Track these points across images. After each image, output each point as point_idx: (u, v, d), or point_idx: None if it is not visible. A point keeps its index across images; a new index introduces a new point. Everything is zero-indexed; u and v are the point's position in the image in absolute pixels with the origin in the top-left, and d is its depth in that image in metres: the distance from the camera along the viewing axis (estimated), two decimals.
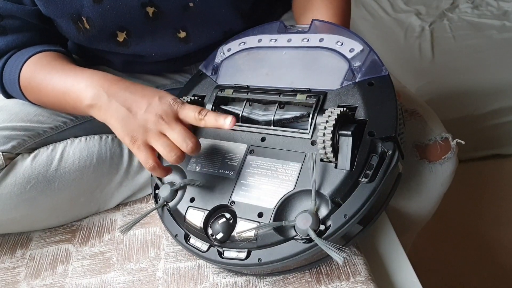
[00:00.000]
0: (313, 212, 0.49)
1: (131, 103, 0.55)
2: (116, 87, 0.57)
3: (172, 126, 0.53)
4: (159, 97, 0.55)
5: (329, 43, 0.59)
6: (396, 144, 0.51)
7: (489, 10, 1.79)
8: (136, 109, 0.55)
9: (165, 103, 0.55)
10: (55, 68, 0.64)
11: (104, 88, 0.57)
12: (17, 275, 0.64)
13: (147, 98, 0.55)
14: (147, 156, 0.54)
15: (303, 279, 0.57)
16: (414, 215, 0.78)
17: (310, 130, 0.55)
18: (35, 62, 0.65)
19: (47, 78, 0.63)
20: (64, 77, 0.62)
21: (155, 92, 0.56)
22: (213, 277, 0.59)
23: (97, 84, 0.58)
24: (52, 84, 0.63)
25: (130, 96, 0.56)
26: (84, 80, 0.59)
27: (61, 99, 0.62)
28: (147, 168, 0.54)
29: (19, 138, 0.65)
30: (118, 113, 0.55)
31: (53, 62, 0.65)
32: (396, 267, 0.61)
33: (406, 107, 0.72)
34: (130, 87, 0.57)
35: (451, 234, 1.34)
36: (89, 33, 0.66)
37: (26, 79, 0.65)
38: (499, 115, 1.50)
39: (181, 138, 0.53)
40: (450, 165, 0.71)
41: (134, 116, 0.54)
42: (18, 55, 0.67)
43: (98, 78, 0.59)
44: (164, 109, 0.54)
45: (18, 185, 0.64)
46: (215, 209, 0.56)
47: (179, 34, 0.69)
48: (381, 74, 0.55)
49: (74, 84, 0.60)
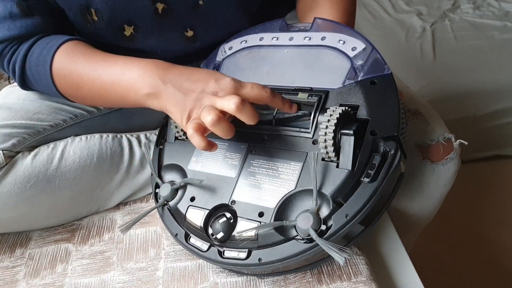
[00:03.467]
0: (314, 212, 0.49)
1: (186, 87, 0.53)
2: (171, 74, 0.55)
3: (225, 98, 0.50)
4: (215, 79, 0.52)
5: (331, 41, 0.59)
6: (398, 144, 0.50)
7: (491, 10, 1.79)
8: (191, 93, 0.52)
9: (224, 84, 0.52)
10: (94, 58, 0.61)
11: (159, 75, 0.55)
12: (16, 274, 0.64)
13: (202, 81, 0.53)
14: (192, 124, 0.50)
15: (304, 279, 0.56)
16: (416, 216, 0.78)
17: (311, 129, 0.54)
18: (69, 50, 0.61)
19: (87, 68, 0.60)
20: (109, 67, 0.59)
21: (210, 74, 0.54)
22: (214, 276, 0.59)
23: (151, 72, 0.56)
24: (96, 75, 0.60)
25: (185, 81, 0.54)
26: (136, 69, 0.57)
27: (108, 90, 0.59)
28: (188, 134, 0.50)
29: (19, 136, 0.65)
30: (174, 98, 0.53)
31: (89, 51, 0.62)
32: (397, 267, 0.61)
33: (408, 107, 0.72)
34: (184, 72, 0.55)
35: (452, 235, 1.33)
36: (96, 26, 0.64)
37: (60, 69, 0.61)
38: (501, 116, 1.49)
39: (228, 99, 0.49)
40: (453, 165, 0.71)
41: (191, 97, 0.52)
42: (46, 41, 0.63)
43: (151, 67, 0.56)
44: (222, 88, 0.51)
45: (18, 184, 0.63)
46: (216, 209, 0.56)
47: (187, 33, 0.69)
48: (384, 72, 0.54)
49: (125, 74, 0.57)
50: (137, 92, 0.57)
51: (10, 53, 0.63)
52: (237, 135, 0.59)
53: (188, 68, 0.56)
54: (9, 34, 0.62)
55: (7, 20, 0.61)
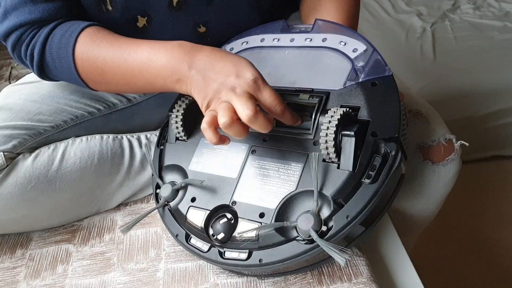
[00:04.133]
0: (315, 213, 0.49)
1: (209, 77, 0.53)
2: (197, 59, 0.54)
3: (239, 97, 0.50)
4: (236, 74, 0.52)
5: (332, 42, 0.59)
6: (399, 145, 0.51)
7: (491, 11, 1.79)
8: (213, 82, 0.52)
9: (243, 80, 0.51)
10: (118, 42, 0.60)
11: (186, 60, 0.54)
12: (16, 275, 0.64)
13: (225, 73, 0.52)
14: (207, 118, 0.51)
15: (305, 280, 0.56)
16: (417, 216, 0.78)
17: (312, 130, 0.54)
18: (92, 34, 0.60)
19: (111, 52, 0.59)
20: (135, 52, 0.58)
21: (235, 65, 0.52)
22: (214, 277, 0.59)
23: (178, 58, 0.55)
24: (122, 59, 0.58)
25: (210, 69, 0.53)
26: (163, 54, 0.56)
27: (136, 76, 0.58)
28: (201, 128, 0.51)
29: (20, 137, 0.65)
30: (198, 85, 0.53)
31: (111, 35, 0.61)
32: (398, 268, 0.61)
33: (409, 108, 0.72)
34: (210, 57, 0.54)
35: (453, 235, 1.33)
36: (110, 15, 0.64)
37: (83, 52, 0.60)
38: (501, 116, 1.49)
39: (243, 104, 0.49)
40: (454, 166, 0.71)
41: (211, 87, 0.52)
42: (66, 27, 0.61)
43: (178, 51, 0.55)
44: (240, 84, 0.51)
45: (19, 185, 0.63)
46: (216, 209, 0.56)
47: (199, 28, 0.68)
48: (385, 74, 0.54)
49: (152, 59, 0.56)
50: (165, 78, 0.56)
51: (30, 37, 0.61)
52: None
53: (214, 52, 0.55)
54: (30, 17, 0.60)
55: (28, 4, 0.59)
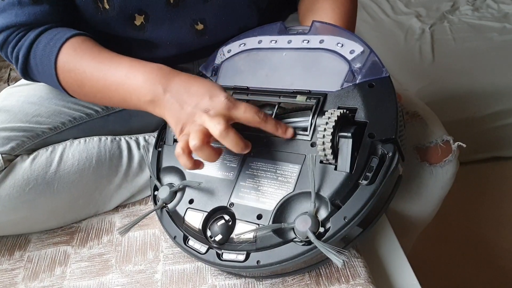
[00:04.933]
0: (312, 214, 0.49)
1: (183, 100, 0.54)
2: (173, 83, 0.55)
3: (212, 118, 0.50)
4: (210, 96, 0.53)
5: (329, 44, 0.59)
6: (396, 146, 0.51)
7: (490, 12, 1.79)
8: (187, 106, 0.53)
9: (217, 102, 0.52)
10: (100, 56, 0.60)
11: (162, 83, 0.55)
12: (15, 277, 0.64)
13: (198, 95, 0.53)
14: (180, 143, 0.52)
15: (303, 281, 0.56)
16: (414, 218, 0.78)
17: (310, 131, 0.54)
18: (76, 45, 0.61)
19: (92, 66, 0.60)
20: (114, 68, 0.59)
21: (208, 89, 0.54)
22: (212, 279, 0.59)
23: (154, 80, 0.56)
24: (100, 74, 0.59)
25: (184, 92, 0.54)
26: (141, 74, 0.57)
27: (112, 92, 0.59)
28: (176, 152, 0.52)
29: (18, 139, 0.65)
30: (171, 109, 0.54)
31: (96, 48, 0.62)
32: (396, 270, 0.61)
33: (407, 109, 0.72)
34: (185, 82, 0.55)
35: (451, 237, 1.33)
36: (107, 14, 0.64)
37: (65, 62, 0.61)
38: (500, 117, 1.49)
39: (215, 123, 0.50)
40: (451, 168, 0.71)
41: (185, 111, 0.53)
42: (52, 34, 0.62)
43: (156, 73, 0.56)
44: (214, 106, 0.52)
45: (17, 187, 0.63)
46: (214, 211, 0.56)
47: (197, 26, 0.69)
48: (382, 75, 0.54)
49: (130, 78, 0.57)
50: (139, 98, 0.57)
51: (16, 40, 0.62)
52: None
53: (190, 78, 0.56)
54: (16, 20, 0.61)
55: (15, 7, 0.60)
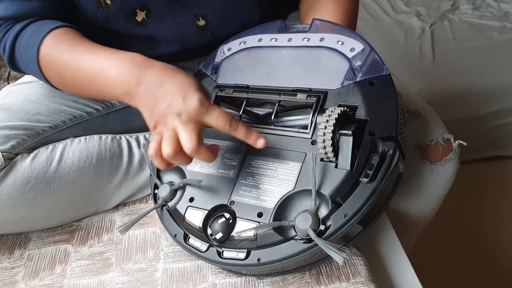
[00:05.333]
0: (313, 212, 0.49)
1: (156, 97, 0.53)
2: (147, 75, 0.55)
3: (185, 126, 0.51)
4: (183, 97, 0.52)
5: (330, 42, 0.59)
6: (397, 144, 0.51)
7: (490, 11, 1.79)
8: (160, 104, 0.53)
9: (189, 105, 0.51)
10: (79, 48, 0.61)
11: (135, 75, 0.55)
12: (15, 276, 0.64)
13: (171, 95, 0.52)
14: (152, 144, 0.52)
15: (303, 279, 0.56)
16: (415, 216, 0.78)
17: (310, 129, 0.54)
18: (58, 37, 0.61)
19: (71, 57, 0.60)
20: (91, 60, 0.59)
21: (182, 88, 0.53)
22: (213, 277, 0.59)
23: (128, 72, 0.56)
24: (78, 66, 0.60)
25: (157, 88, 0.53)
26: (115, 66, 0.57)
27: (89, 83, 0.60)
28: (149, 154, 0.53)
29: (18, 138, 0.65)
30: (145, 104, 0.54)
31: (76, 40, 0.62)
32: (396, 268, 0.61)
33: (407, 108, 0.72)
34: (159, 75, 0.54)
35: (451, 235, 1.33)
36: (109, 10, 0.64)
37: (47, 54, 0.61)
38: (500, 116, 1.49)
39: (185, 137, 0.50)
40: (452, 166, 0.71)
41: (158, 109, 0.53)
42: (38, 25, 0.63)
43: (128, 65, 0.56)
44: (186, 109, 0.51)
45: (17, 186, 0.63)
46: (215, 209, 0.56)
47: (199, 21, 0.69)
48: (382, 73, 0.54)
49: (105, 70, 0.58)
50: (115, 89, 0.57)
51: (3, 32, 0.63)
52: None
53: (164, 71, 0.55)
54: (4, 13, 0.62)
55: (5, 0, 0.62)
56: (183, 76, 0.54)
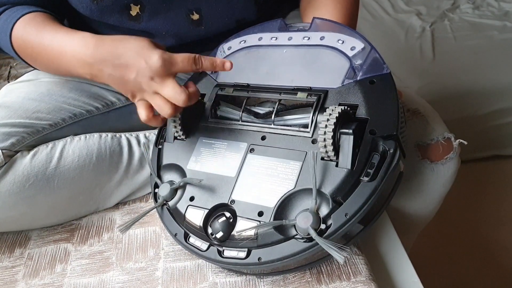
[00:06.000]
0: (313, 211, 0.49)
1: (121, 71, 0.55)
2: (101, 53, 0.56)
3: (163, 84, 0.54)
4: (145, 60, 0.54)
5: (330, 41, 0.59)
6: (397, 143, 0.50)
7: (490, 10, 1.79)
8: (128, 76, 0.55)
9: (154, 65, 0.53)
10: (43, 31, 0.63)
11: (89, 55, 0.57)
12: (15, 274, 0.64)
13: (133, 64, 0.54)
14: (142, 110, 0.57)
15: (304, 278, 0.56)
16: (416, 215, 0.78)
17: (311, 128, 0.54)
18: (27, 21, 0.64)
19: (36, 40, 0.63)
20: (51, 41, 0.62)
21: (140, 52, 0.55)
22: (213, 276, 0.59)
23: (81, 54, 0.58)
24: (42, 48, 0.63)
25: (116, 60, 0.56)
26: (70, 49, 0.59)
27: (55, 63, 0.63)
28: (142, 120, 0.57)
29: (18, 135, 0.65)
30: (113, 79, 0.57)
31: (42, 23, 0.64)
32: (397, 267, 0.61)
33: (408, 107, 0.72)
34: (114, 48, 0.56)
35: (452, 234, 1.33)
36: (103, 3, 0.65)
37: (17, 38, 0.64)
38: (500, 115, 1.49)
39: (172, 95, 0.53)
40: (452, 165, 0.71)
41: (127, 81, 0.56)
42: (12, 11, 0.66)
43: (80, 47, 0.58)
44: (153, 70, 0.54)
45: (17, 183, 0.63)
46: (215, 208, 0.56)
47: (193, 16, 0.69)
48: (383, 72, 0.54)
49: (62, 52, 0.60)
50: (77, 70, 0.60)
51: None
52: (237, 135, 0.59)
53: (115, 42, 0.57)
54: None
55: None
56: (134, 40, 0.57)
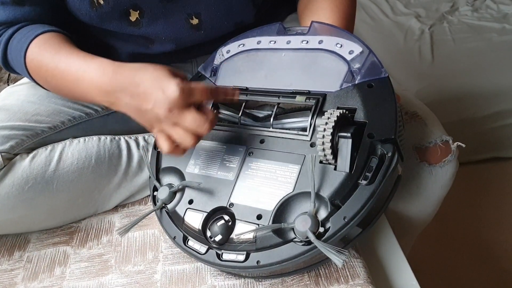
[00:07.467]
0: (312, 214, 0.49)
1: (138, 101, 0.54)
2: (119, 81, 0.55)
3: (183, 116, 0.52)
4: (162, 90, 0.52)
5: (329, 45, 0.59)
6: (395, 146, 0.51)
7: (489, 13, 1.79)
8: (145, 107, 0.53)
9: (171, 95, 0.51)
10: (59, 54, 0.62)
11: (107, 83, 0.56)
12: (14, 277, 0.64)
13: (151, 94, 0.53)
14: (163, 142, 0.54)
15: (302, 282, 0.56)
16: (414, 218, 0.78)
17: (309, 132, 0.54)
18: (42, 42, 0.63)
19: (52, 63, 0.61)
20: (69, 66, 0.60)
21: (158, 81, 0.53)
22: (212, 279, 0.59)
23: (100, 81, 0.56)
24: (58, 72, 0.61)
25: (134, 89, 0.54)
26: (88, 74, 0.58)
27: (71, 89, 0.62)
28: (164, 152, 0.55)
29: (17, 138, 0.65)
30: (129, 108, 0.55)
31: (58, 45, 0.63)
32: (395, 270, 0.61)
33: (406, 109, 0.72)
34: (132, 76, 0.54)
35: (451, 237, 1.33)
36: (102, 10, 0.65)
37: (32, 59, 0.63)
38: (499, 118, 1.49)
39: (194, 126, 0.52)
40: (450, 168, 0.71)
41: (145, 112, 0.54)
42: (26, 30, 0.64)
43: (99, 74, 0.57)
44: (171, 101, 0.51)
45: (16, 186, 0.63)
46: (214, 211, 0.56)
47: (192, 20, 0.69)
48: (381, 76, 0.54)
49: (79, 78, 0.59)
50: (93, 97, 0.58)
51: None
52: (235, 138, 0.59)
53: (134, 69, 0.55)
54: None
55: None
56: (153, 69, 0.55)
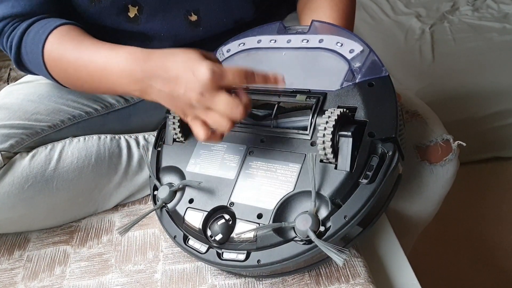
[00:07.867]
0: (312, 213, 0.49)
1: (170, 86, 0.52)
2: (150, 67, 0.54)
3: (215, 99, 0.50)
4: (192, 72, 0.50)
5: (329, 44, 0.59)
6: (396, 145, 0.51)
7: (490, 12, 1.79)
8: (177, 92, 0.52)
9: (202, 77, 0.49)
10: (83, 45, 0.61)
11: (139, 70, 0.54)
12: (14, 277, 0.64)
13: (182, 78, 0.51)
14: (199, 129, 0.52)
15: (303, 281, 0.56)
16: (415, 217, 0.78)
17: (310, 131, 0.54)
18: (63, 34, 0.61)
19: (75, 54, 0.60)
20: (93, 57, 0.59)
21: (188, 64, 0.51)
22: (212, 279, 0.59)
23: (131, 69, 0.55)
24: (82, 63, 0.60)
25: (165, 74, 0.52)
26: (117, 63, 0.56)
27: (95, 81, 0.60)
28: (201, 140, 0.53)
29: (17, 137, 0.65)
30: (161, 95, 0.54)
31: (80, 37, 0.62)
32: (396, 270, 0.61)
33: (407, 108, 0.72)
34: (163, 61, 0.53)
35: (451, 237, 1.33)
36: (101, 5, 0.65)
37: (51, 51, 0.61)
38: (500, 117, 1.49)
39: (228, 110, 0.50)
40: (451, 167, 0.71)
41: (177, 97, 0.52)
42: (42, 23, 0.63)
43: (130, 61, 0.55)
44: (202, 84, 0.50)
45: (16, 185, 0.63)
46: (214, 210, 0.56)
47: (191, 17, 0.69)
48: (381, 75, 0.54)
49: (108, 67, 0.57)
50: (124, 87, 0.57)
51: (10, 30, 0.63)
52: (236, 137, 0.59)
53: (164, 54, 0.54)
54: (12, 11, 0.63)
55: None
56: (184, 52, 0.53)
